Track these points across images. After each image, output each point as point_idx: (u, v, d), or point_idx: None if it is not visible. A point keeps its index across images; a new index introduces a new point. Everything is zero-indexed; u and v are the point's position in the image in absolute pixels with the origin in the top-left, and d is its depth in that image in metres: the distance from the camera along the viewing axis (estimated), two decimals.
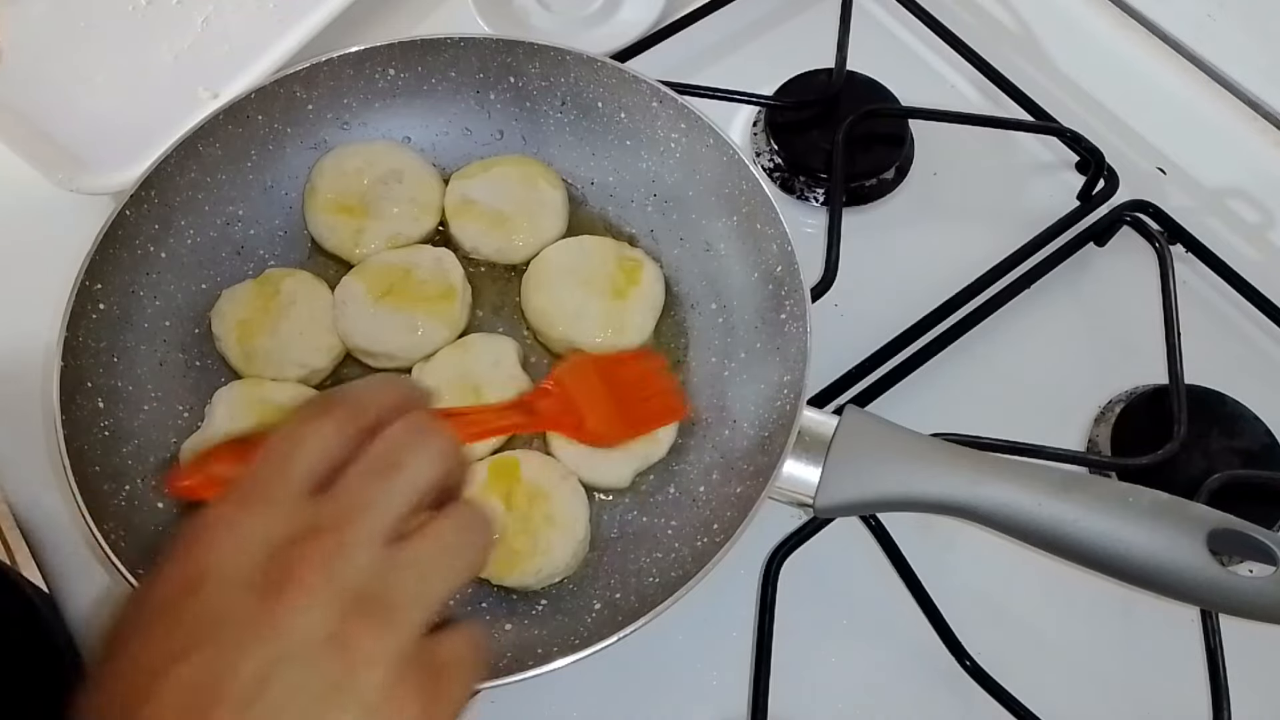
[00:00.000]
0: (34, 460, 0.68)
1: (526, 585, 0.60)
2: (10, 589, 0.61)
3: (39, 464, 0.68)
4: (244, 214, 0.70)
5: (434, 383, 0.64)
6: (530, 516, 0.60)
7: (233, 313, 0.66)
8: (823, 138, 0.78)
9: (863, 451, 0.57)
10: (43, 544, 0.66)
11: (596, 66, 0.69)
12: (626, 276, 0.68)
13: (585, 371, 0.61)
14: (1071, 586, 0.64)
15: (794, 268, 0.62)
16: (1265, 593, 0.51)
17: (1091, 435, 0.69)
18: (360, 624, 0.36)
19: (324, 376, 0.67)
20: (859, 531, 0.65)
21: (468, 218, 0.70)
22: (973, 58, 0.82)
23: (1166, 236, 0.75)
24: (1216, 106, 0.79)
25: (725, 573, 0.54)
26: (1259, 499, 0.65)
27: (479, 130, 0.73)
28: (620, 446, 0.63)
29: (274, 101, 0.69)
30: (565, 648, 0.53)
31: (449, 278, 0.68)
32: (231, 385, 0.64)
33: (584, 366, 0.62)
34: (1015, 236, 0.74)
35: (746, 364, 0.65)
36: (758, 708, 0.59)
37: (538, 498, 0.61)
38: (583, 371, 0.61)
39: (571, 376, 0.60)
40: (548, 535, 0.60)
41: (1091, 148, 0.76)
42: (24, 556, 0.65)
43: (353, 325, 0.66)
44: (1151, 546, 0.52)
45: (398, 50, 0.70)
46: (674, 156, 0.69)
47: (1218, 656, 0.60)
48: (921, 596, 0.62)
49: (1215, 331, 0.73)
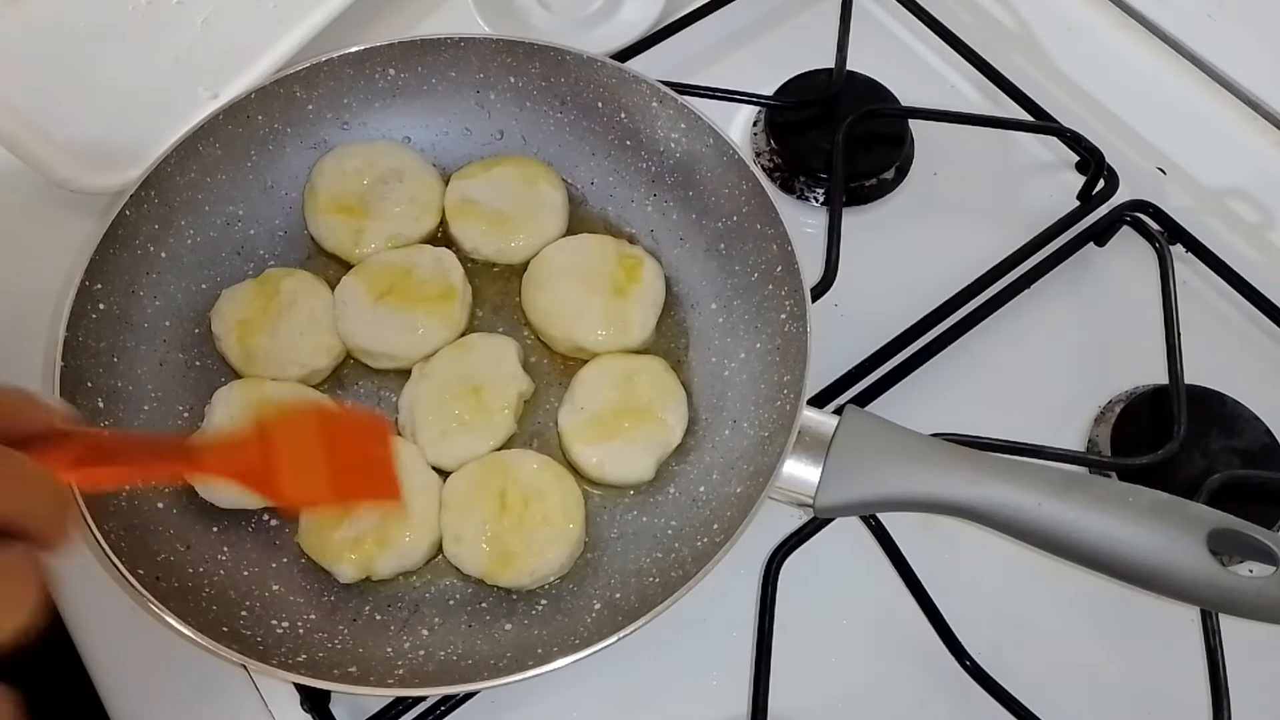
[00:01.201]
0: None
1: (521, 585, 0.60)
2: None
3: None
4: (244, 214, 0.70)
5: (433, 381, 0.65)
6: (525, 517, 0.60)
7: (233, 313, 0.66)
8: (823, 138, 0.78)
9: (863, 451, 0.57)
10: None
11: (596, 66, 0.69)
12: (627, 274, 0.68)
13: (298, 423, 0.50)
14: (1071, 586, 0.64)
15: (794, 268, 0.62)
16: (1265, 593, 0.51)
17: (1091, 435, 0.69)
18: None
19: (324, 376, 0.67)
20: (859, 531, 0.65)
21: (468, 218, 0.70)
22: (973, 58, 0.82)
23: (1166, 236, 0.74)
24: (1216, 106, 0.79)
25: (725, 573, 0.54)
26: (1259, 499, 0.64)
27: (479, 130, 0.73)
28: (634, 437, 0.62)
29: (274, 101, 0.69)
30: (565, 648, 0.53)
31: (449, 277, 0.68)
32: (231, 385, 0.64)
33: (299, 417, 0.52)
34: (1015, 236, 0.74)
35: (746, 364, 0.65)
36: (758, 708, 0.59)
37: (533, 498, 0.61)
38: (296, 423, 0.50)
39: (279, 426, 0.49)
40: (542, 536, 0.60)
41: (1091, 148, 0.76)
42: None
43: (353, 325, 0.66)
44: (1151, 546, 0.52)
45: (398, 50, 0.70)
46: (674, 157, 0.70)
47: (1218, 656, 0.60)
48: (921, 596, 0.62)
49: (1215, 331, 0.73)
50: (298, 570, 0.62)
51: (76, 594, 0.64)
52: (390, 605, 0.61)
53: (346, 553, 0.60)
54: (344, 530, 0.60)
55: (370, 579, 0.61)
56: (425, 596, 0.61)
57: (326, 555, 0.60)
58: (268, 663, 0.53)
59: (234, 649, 0.53)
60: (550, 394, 0.67)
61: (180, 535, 0.60)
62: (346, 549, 0.60)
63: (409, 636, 0.59)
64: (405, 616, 0.60)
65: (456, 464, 0.63)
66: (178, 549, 0.59)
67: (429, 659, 0.57)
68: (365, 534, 0.60)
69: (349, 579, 0.60)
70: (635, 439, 0.63)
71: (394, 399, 0.67)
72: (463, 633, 0.59)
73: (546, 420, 0.66)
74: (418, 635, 0.59)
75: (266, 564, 0.61)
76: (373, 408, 0.66)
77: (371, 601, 0.61)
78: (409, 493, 0.61)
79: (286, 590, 0.60)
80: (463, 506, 0.61)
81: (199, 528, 0.61)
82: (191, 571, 0.58)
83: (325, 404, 0.64)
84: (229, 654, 0.53)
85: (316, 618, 0.59)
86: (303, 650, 0.56)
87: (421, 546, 0.61)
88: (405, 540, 0.60)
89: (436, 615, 0.60)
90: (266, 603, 0.59)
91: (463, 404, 0.64)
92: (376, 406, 0.67)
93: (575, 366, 0.67)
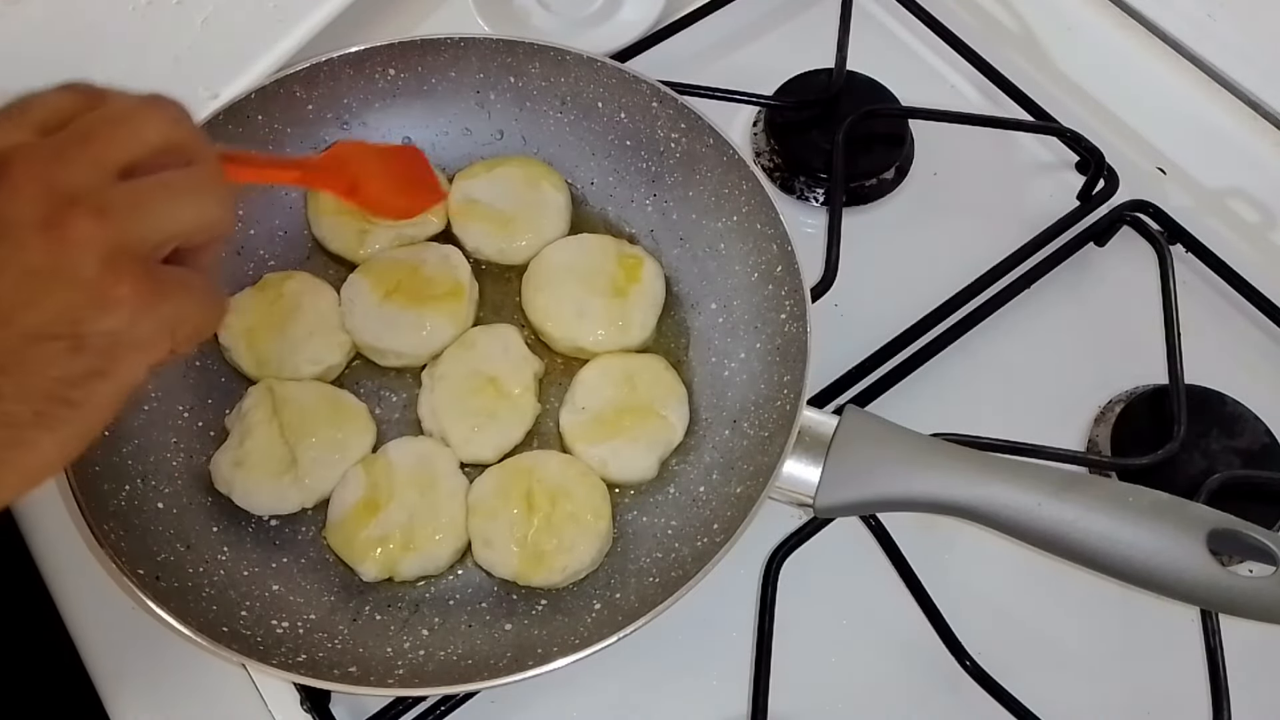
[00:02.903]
0: None
1: (554, 584, 0.60)
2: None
3: None
4: (244, 214, 0.70)
5: (449, 382, 0.65)
6: (553, 516, 0.60)
7: (238, 321, 0.66)
8: (823, 138, 0.78)
9: (863, 451, 0.57)
10: (43, 544, 0.66)
11: (596, 66, 0.69)
12: (627, 274, 0.68)
13: (362, 152, 0.62)
14: (1071, 586, 0.64)
15: (794, 268, 0.62)
16: (1265, 593, 0.51)
17: (1091, 435, 0.69)
18: (73, 213, 0.38)
19: (339, 372, 0.67)
20: (859, 531, 0.65)
21: (471, 218, 0.70)
22: (973, 58, 0.82)
23: (1166, 236, 0.74)
24: (1216, 106, 0.79)
25: (725, 573, 0.54)
26: (1259, 499, 0.64)
27: (479, 130, 0.73)
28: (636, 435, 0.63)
29: (274, 101, 0.69)
30: (565, 648, 0.53)
31: (456, 275, 0.68)
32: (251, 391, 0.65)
33: (360, 149, 0.63)
34: (1015, 236, 0.74)
35: (746, 364, 0.65)
36: (758, 708, 0.59)
37: (559, 496, 0.61)
38: (359, 151, 0.62)
39: (349, 152, 0.60)
40: (572, 533, 0.60)
41: (1091, 148, 0.76)
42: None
43: (360, 322, 0.66)
44: (1151, 546, 0.52)
45: (398, 50, 0.70)
46: (674, 156, 0.69)
47: (1218, 656, 0.60)
48: (921, 596, 0.62)
49: (1215, 331, 0.73)
50: (298, 570, 0.62)
51: (76, 594, 0.64)
52: (390, 605, 0.61)
53: (372, 551, 0.60)
54: (371, 529, 0.60)
55: (391, 580, 0.61)
56: (425, 596, 0.61)
57: (352, 553, 0.60)
58: (268, 663, 0.53)
59: (234, 649, 0.53)
60: (551, 394, 0.67)
61: (180, 535, 0.60)
62: (372, 547, 0.60)
63: (409, 636, 0.59)
64: (405, 616, 0.60)
65: (496, 455, 0.64)
66: (178, 549, 0.59)
67: (429, 659, 0.57)
68: (392, 534, 0.60)
69: (371, 578, 0.60)
70: (637, 437, 0.63)
71: (393, 398, 0.67)
72: (463, 633, 0.59)
73: (547, 420, 0.66)
74: (418, 635, 0.59)
75: (266, 564, 0.61)
76: (374, 408, 0.66)
77: (371, 601, 0.61)
78: (438, 497, 0.61)
79: (286, 590, 0.60)
80: (490, 511, 0.61)
81: (199, 528, 0.61)
82: (191, 571, 0.58)
83: (371, 144, 0.70)
84: (229, 654, 0.53)
85: (316, 618, 0.59)
86: (303, 650, 0.56)
87: (448, 550, 0.61)
88: (434, 542, 0.60)
89: (436, 615, 0.60)
90: (266, 603, 0.59)
91: (483, 397, 0.64)
92: (378, 407, 0.67)
93: (575, 366, 0.67)
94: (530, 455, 0.64)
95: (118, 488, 0.59)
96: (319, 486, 0.62)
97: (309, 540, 0.63)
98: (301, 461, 0.62)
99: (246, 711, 0.61)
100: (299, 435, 0.63)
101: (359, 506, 0.61)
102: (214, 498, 0.62)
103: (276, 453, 0.62)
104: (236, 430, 0.63)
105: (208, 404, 0.65)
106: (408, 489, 0.61)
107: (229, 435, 0.64)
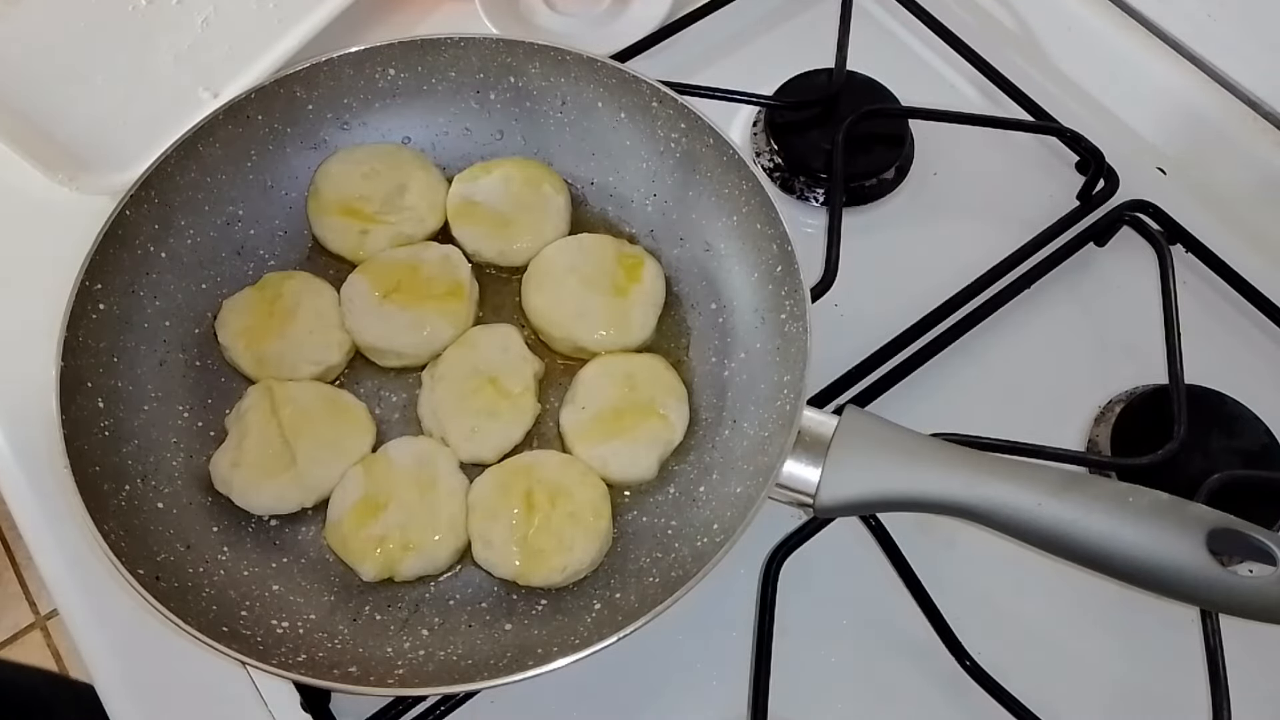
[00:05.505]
0: (34, 460, 0.68)
1: (553, 583, 0.60)
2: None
3: (39, 464, 0.68)
4: (244, 214, 0.70)
5: (448, 382, 0.65)
6: (553, 516, 0.60)
7: (238, 321, 0.66)
8: (822, 138, 0.78)
9: (863, 451, 0.57)
10: (43, 544, 0.66)
11: (596, 66, 0.69)
12: (627, 273, 0.68)
13: None
14: (1071, 586, 0.64)
15: (794, 268, 0.62)
16: (1265, 593, 0.51)
17: (1091, 435, 0.69)
18: None
19: (339, 372, 0.67)
20: (859, 531, 0.65)
21: (470, 220, 0.70)
22: (973, 58, 0.82)
23: (1166, 236, 0.74)
24: (1216, 106, 0.79)
25: (725, 573, 0.54)
26: (1259, 499, 0.64)
27: (479, 130, 0.73)
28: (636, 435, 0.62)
29: (274, 101, 0.69)
30: (565, 648, 0.53)
31: (456, 275, 0.68)
32: (251, 391, 0.65)
33: None
34: (1015, 236, 0.74)
35: (746, 364, 0.65)
36: (758, 708, 0.59)
37: (559, 496, 0.61)
38: None
39: None
40: (571, 533, 0.60)
41: (1091, 148, 0.76)
42: (23, 556, 0.65)
43: (360, 322, 0.66)
44: (1151, 546, 0.52)
45: (398, 50, 0.70)
46: (674, 156, 0.69)
47: (1218, 656, 0.60)
48: (921, 596, 0.62)
49: (1215, 331, 0.73)
50: (298, 570, 0.62)
51: (77, 594, 0.64)
52: (390, 605, 0.61)
53: (372, 551, 0.60)
54: (371, 529, 0.60)
55: (391, 580, 0.61)
56: (425, 596, 0.61)
57: (352, 553, 0.60)
58: (268, 663, 0.53)
59: (234, 649, 0.53)
60: (551, 394, 0.67)
61: (180, 535, 0.60)
62: (371, 547, 0.60)
63: (409, 636, 0.59)
64: (405, 616, 0.60)
65: (495, 455, 0.64)
66: (178, 549, 0.59)
67: (429, 659, 0.57)
68: (392, 533, 0.60)
69: (371, 578, 0.60)
70: (638, 437, 0.63)
71: (393, 398, 0.67)
72: (463, 633, 0.59)
73: (547, 420, 0.66)
74: (418, 635, 0.59)
75: (266, 564, 0.61)
76: (374, 408, 0.66)
77: (371, 601, 0.61)
78: (438, 497, 0.61)
79: (286, 590, 0.60)
80: (490, 511, 0.61)
81: (199, 528, 0.61)
82: (191, 571, 0.58)
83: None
84: (229, 654, 0.53)
85: (316, 618, 0.59)
86: (303, 650, 0.56)
87: (448, 550, 0.61)
88: (434, 542, 0.60)
89: (436, 615, 0.60)
90: (266, 603, 0.59)
91: (482, 397, 0.64)
92: (378, 407, 0.67)
93: (575, 366, 0.67)
94: (530, 455, 0.64)
95: (118, 488, 0.59)
96: (319, 486, 0.63)
97: (309, 540, 0.63)
98: (301, 461, 0.62)
99: (246, 711, 0.61)
100: (298, 435, 0.63)
101: (359, 506, 0.61)
102: (214, 498, 0.62)
103: (276, 453, 0.62)
104: (236, 430, 0.63)
105: (208, 404, 0.65)
106: (408, 489, 0.61)
107: (228, 435, 0.64)
